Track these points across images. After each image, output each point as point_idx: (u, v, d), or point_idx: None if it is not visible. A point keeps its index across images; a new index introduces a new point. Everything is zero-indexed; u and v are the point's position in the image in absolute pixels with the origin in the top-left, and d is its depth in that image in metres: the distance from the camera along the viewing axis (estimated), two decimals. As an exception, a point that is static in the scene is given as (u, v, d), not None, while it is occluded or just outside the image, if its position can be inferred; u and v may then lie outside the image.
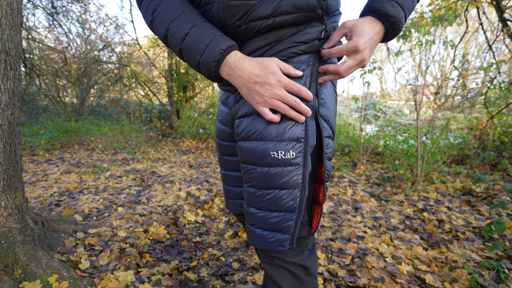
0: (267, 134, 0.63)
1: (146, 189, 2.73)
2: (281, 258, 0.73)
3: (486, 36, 3.59)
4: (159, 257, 1.56)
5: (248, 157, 0.66)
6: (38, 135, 4.85)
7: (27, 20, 6.58)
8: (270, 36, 0.62)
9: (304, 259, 0.75)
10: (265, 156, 0.63)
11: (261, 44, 0.62)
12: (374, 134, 4.37)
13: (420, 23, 3.26)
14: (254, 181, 0.67)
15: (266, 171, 0.64)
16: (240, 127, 0.68)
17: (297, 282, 0.75)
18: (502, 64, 2.82)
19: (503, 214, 2.18)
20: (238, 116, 0.69)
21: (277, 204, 0.65)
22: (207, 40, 0.59)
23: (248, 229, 0.72)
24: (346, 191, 2.74)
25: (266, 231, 0.68)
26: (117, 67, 7.39)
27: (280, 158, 0.62)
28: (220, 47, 0.58)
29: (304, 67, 0.63)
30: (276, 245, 0.67)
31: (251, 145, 0.65)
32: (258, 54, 0.63)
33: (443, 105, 5.67)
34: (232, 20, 0.60)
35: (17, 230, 1.32)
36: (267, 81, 0.58)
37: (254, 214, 0.69)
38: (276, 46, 0.62)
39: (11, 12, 1.33)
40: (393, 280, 1.38)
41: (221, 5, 0.59)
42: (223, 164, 0.88)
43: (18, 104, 1.42)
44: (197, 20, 0.61)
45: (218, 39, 0.59)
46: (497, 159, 3.53)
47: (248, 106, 0.66)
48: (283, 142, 0.62)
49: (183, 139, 6.30)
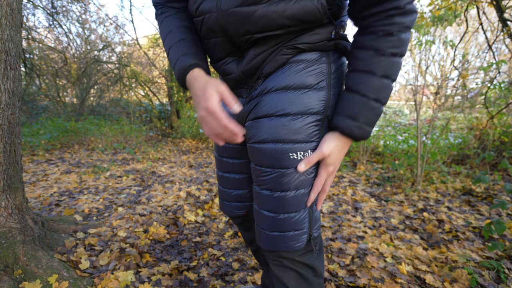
0: (283, 136, 0.62)
1: (146, 189, 2.73)
2: (291, 258, 0.71)
3: (486, 36, 3.59)
4: (159, 257, 1.56)
5: (263, 160, 0.65)
6: (38, 135, 4.85)
7: (27, 20, 6.58)
8: (275, 39, 0.61)
9: (313, 259, 0.74)
10: (284, 158, 0.62)
11: (263, 48, 0.62)
12: (374, 134, 4.37)
13: (420, 23, 3.26)
14: (270, 183, 0.65)
15: (284, 173, 0.63)
16: (250, 128, 0.67)
17: (304, 283, 0.74)
18: (502, 64, 2.82)
19: (503, 214, 2.18)
20: (251, 118, 0.67)
21: (296, 205, 0.65)
22: (174, 61, 0.66)
23: (261, 232, 0.71)
24: (346, 191, 2.74)
25: (281, 232, 0.67)
26: (117, 67, 7.39)
27: (300, 159, 0.62)
28: (180, 67, 0.64)
29: (319, 78, 0.61)
30: (293, 243, 0.67)
31: (267, 146, 0.63)
32: (261, 57, 0.62)
33: (443, 105, 5.67)
34: (233, 29, 0.60)
35: (17, 230, 1.32)
36: (201, 105, 0.59)
37: (269, 217, 0.68)
38: (278, 50, 0.61)
39: (11, 12, 1.33)
40: (393, 280, 1.38)
41: (220, 14, 0.59)
42: (220, 165, 0.86)
43: (18, 104, 1.42)
44: (174, 40, 0.67)
45: (180, 60, 0.64)
46: (497, 159, 3.53)
47: (260, 108, 0.64)
48: (302, 143, 0.62)
49: (183, 139, 6.30)
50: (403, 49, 0.56)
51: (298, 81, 0.61)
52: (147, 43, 7.52)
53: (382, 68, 0.56)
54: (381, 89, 0.57)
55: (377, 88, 0.57)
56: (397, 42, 0.54)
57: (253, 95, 0.67)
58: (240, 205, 0.87)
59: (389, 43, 0.55)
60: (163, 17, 0.72)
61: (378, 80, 0.56)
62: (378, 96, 0.57)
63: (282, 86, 0.62)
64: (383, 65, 0.56)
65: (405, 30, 0.55)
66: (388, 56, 0.55)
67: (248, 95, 0.69)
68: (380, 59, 0.55)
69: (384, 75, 0.56)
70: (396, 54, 0.55)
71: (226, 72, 0.69)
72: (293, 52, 0.61)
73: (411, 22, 0.55)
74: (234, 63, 0.67)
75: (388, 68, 0.56)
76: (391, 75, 0.57)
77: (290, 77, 0.61)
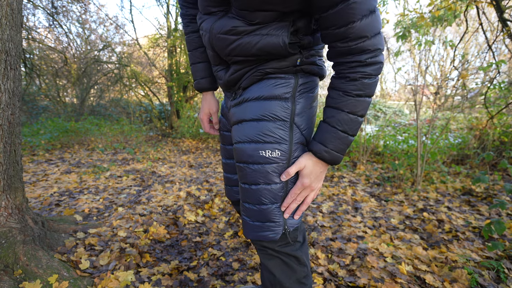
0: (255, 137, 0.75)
1: (146, 189, 2.73)
2: (272, 248, 0.80)
3: (486, 36, 3.59)
4: (159, 257, 1.56)
5: (241, 157, 0.77)
6: (38, 135, 4.85)
7: (27, 20, 6.58)
8: (249, 62, 0.75)
9: (295, 249, 0.82)
10: (255, 155, 0.74)
11: (241, 67, 0.76)
12: (374, 134, 4.37)
13: (419, 23, 3.26)
14: (246, 178, 0.77)
15: (256, 168, 0.75)
16: (233, 131, 0.81)
17: (289, 270, 0.82)
18: (502, 64, 2.82)
19: (502, 214, 2.18)
20: (234, 123, 0.81)
21: (270, 197, 0.75)
22: (194, 77, 0.97)
23: (244, 222, 0.81)
24: (346, 191, 2.74)
25: (259, 222, 0.77)
26: (117, 67, 7.39)
27: (268, 156, 0.73)
28: (198, 87, 0.97)
29: (286, 90, 0.74)
30: (268, 233, 0.77)
31: (243, 146, 0.76)
32: (239, 74, 0.77)
33: (443, 105, 5.67)
34: (218, 49, 0.76)
35: (17, 230, 1.32)
36: (199, 112, 1.02)
37: (249, 208, 0.79)
38: (252, 70, 0.75)
39: (11, 12, 1.33)
40: (393, 280, 1.38)
41: (211, 36, 0.75)
42: (224, 152, 0.99)
43: (18, 104, 1.42)
44: (196, 60, 0.95)
45: (199, 82, 0.96)
46: (497, 159, 3.53)
47: (239, 114, 0.79)
48: (270, 143, 0.73)
49: (183, 139, 6.30)
50: (368, 91, 0.66)
51: (268, 92, 0.74)
52: (147, 43, 7.51)
53: (349, 106, 0.67)
54: (348, 123, 0.69)
55: (345, 122, 0.69)
56: (361, 86, 0.65)
57: (236, 102, 0.81)
58: None
59: (354, 86, 0.66)
60: (188, 31, 0.94)
61: (345, 115, 0.68)
62: (345, 129, 0.69)
63: (256, 96, 0.75)
64: (350, 103, 0.67)
65: (368, 77, 0.65)
66: (353, 97, 0.67)
67: (233, 99, 0.83)
68: (347, 99, 0.67)
69: (350, 111, 0.68)
70: (360, 95, 0.66)
71: (218, 77, 0.85)
72: (263, 74, 0.74)
73: (374, 70, 0.65)
74: (223, 71, 0.82)
75: (354, 106, 0.67)
76: (357, 112, 0.68)
77: (263, 89, 0.75)
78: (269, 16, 0.65)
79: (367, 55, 0.63)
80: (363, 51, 0.62)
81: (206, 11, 0.76)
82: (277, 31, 0.67)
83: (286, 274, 0.82)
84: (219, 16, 0.73)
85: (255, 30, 0.68)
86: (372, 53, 0.63)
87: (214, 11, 0.74)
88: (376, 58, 0.63)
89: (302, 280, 0.84)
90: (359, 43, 0.61)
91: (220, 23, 0.72)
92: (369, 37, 0.61)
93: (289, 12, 0.65)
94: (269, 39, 0.67)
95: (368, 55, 0.63)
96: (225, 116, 0.94)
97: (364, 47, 0.62)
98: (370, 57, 0.63)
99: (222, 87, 0.86)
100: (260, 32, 0.68)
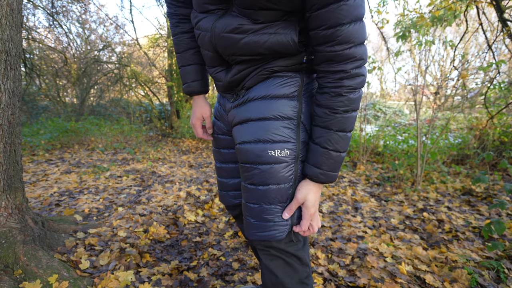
0: (262, 137, 0.73)
1: (146, 189, 2.73)
2: (276, 247, 0.79)
3: (486, 36, 3.59)
4: (159, 257, 1.56)
5: (247, 158, 0.75)
6: (38, 135, 4.85)
7: (27, 20, 6.58)
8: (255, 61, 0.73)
9: (297, 249, 0.81)
10: (263, 155, 0.72)
11: (245, 67, 0.74)
12: (374, 134, 4.37)
13: (419, 23, 3.26)
14: (254, 178, 0.75)
15: (265, 168, 0.73)
16: (237, 132, 0.79)
17: (291, 271, 0.82)
18: (502, 64, 2.82)
19: (502, 214, 2.18)
20: (236, 123, 0.79)
21: (278, 197, 0.74)
22: (184, 81, 0.93)
23: (248, 222, 0.79)
24: (346, 191, 2.74)
25: (265, 222, 0.76)
26: (117, 67, 7.39)
27: (277, 155, 0.72)
28: (188, 90, 0.92)
29: (292, 89, 0.73)
30: (275, 233, 0.76)
31: (249, 146, 0.74)
32: (243, 74, 0.75)
33: (443, 105, 5.67)
34: (222, 49, 0.73)
35: (17, 230, 1.32)
36: (191, 117, 0.95)
37: (254, 208, 0.77)
38: (258, 69, 0.73)
39: (11, 12, 1.33)
40: (393, 280, 1.38)
41: (213, 35, 0.72)
42: (219, 157, 0.96)
43: (18, 104, 1.42)
44: (186, 62, 0.91)
45: (189, 85, 0.91)
46: (497, 159, 3.53)
47: (243, 114, 0.77)
48: (278, 143, 0.72)
49: (183, 139, 6.30)
50: (354, 105, 0.67)
51: (274, 91, 0.73)
52: (147, 43, 7.52)
53: (337, 124, 0.67)
54: (338, 141, 0.69)
55: (335, 140, 0.69)
56: (347, 102, 0.65)
57: (238, 103, 0.79)
58: (237, 193, 0.97)
59: (341, 103, 0.66)
60: (178, 31, 0.89)
61: (334, 134, 0.68)
62: (336, 147, 0.69)
63: (262, 95, 0.74)
64: (337, 121, 0.67)
65: (353, 91, 0.65)
66: (341, 113, 0.66)
67: (234, 101, 0.80)
68: (334, 117, 0.67)
69: (339, 129, 0.68)
70: (347, 111, 0.66)
71: (217, 79, 0.81)
72: (270, 72, 0.73)
73: (359, 84, 0.65)
74: (223, 73, 0.79)
75: (342, 123, 0.67)
76: (346, 129, 0.68)
77: (268, 88, 0.73)
78: (273, 15, 0.65)
79: (352, 64, 0.63)
80: (349, 59, 0.62)
81: (203, 9, 0.73)
82: (284, 29, 0.66)
83: (288, 275, 0.82)
84: (219, 15, 0.71)
85: (261, 29, 0.67)
86: (357, 62, 0.63)
87: (212, 9, 0.72)
88: (360, 69, 0.64)
89: (304, 280, 0.84)
90: (345, 49, 0.62)
91: (223, 22, 0.69)
92: (355, 44, 0.61)
93: (293, 11, 0.65)
94: (277, 38, 0.67)
95: (353, 65, 0.63)
96: (220, 119, 0.91)
97: (350, 54, 0.62)
98: (355, 67, 0.63)
99: (221, 89, 0.83)
100: (267, 31, 0.67)
